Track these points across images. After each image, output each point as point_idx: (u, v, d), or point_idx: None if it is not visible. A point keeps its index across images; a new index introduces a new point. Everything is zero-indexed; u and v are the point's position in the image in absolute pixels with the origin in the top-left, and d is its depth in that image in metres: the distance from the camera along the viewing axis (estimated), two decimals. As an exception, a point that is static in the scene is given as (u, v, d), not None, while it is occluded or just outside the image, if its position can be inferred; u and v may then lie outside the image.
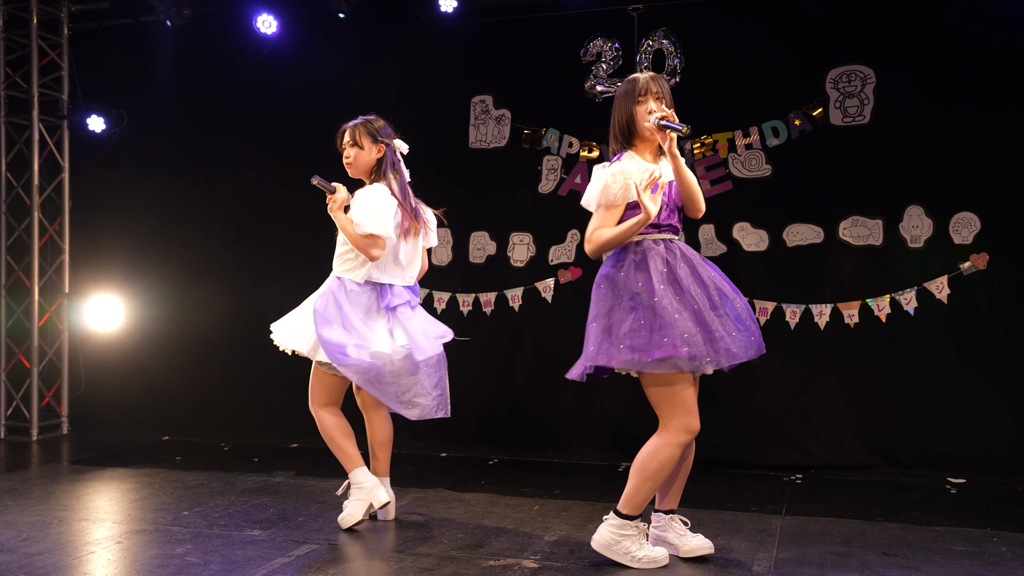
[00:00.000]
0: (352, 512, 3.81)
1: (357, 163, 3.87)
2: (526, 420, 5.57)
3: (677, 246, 3.26)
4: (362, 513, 3.80)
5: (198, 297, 6.14)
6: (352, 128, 3.87)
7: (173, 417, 6.15)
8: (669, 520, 3.41)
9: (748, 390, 5.15)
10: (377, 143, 3.86)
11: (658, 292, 3.11)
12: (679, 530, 3.40)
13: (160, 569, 3.24)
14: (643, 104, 3.24)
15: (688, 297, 3.13)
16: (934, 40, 4.94)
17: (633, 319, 3.13)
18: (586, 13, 5.43)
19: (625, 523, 3.28)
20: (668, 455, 3.16)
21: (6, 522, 3.86)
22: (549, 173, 5.55)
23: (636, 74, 3.33)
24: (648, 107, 3.23)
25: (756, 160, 5.20)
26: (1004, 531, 3.81)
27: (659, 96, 3.24)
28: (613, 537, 3.29)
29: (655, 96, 3.24)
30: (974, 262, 4.87)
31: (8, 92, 6.21)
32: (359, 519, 3.80)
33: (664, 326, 3.08)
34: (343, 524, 3.80)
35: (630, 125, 3.28)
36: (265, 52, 5.92)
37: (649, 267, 3.16)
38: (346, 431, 3.89)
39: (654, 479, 3.19)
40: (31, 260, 6.25)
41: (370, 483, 3.84)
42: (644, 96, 3.24)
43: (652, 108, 3.21)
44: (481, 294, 5.65)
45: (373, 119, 3.91)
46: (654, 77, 3.29)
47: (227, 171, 6.15)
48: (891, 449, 4.98)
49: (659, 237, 3.23)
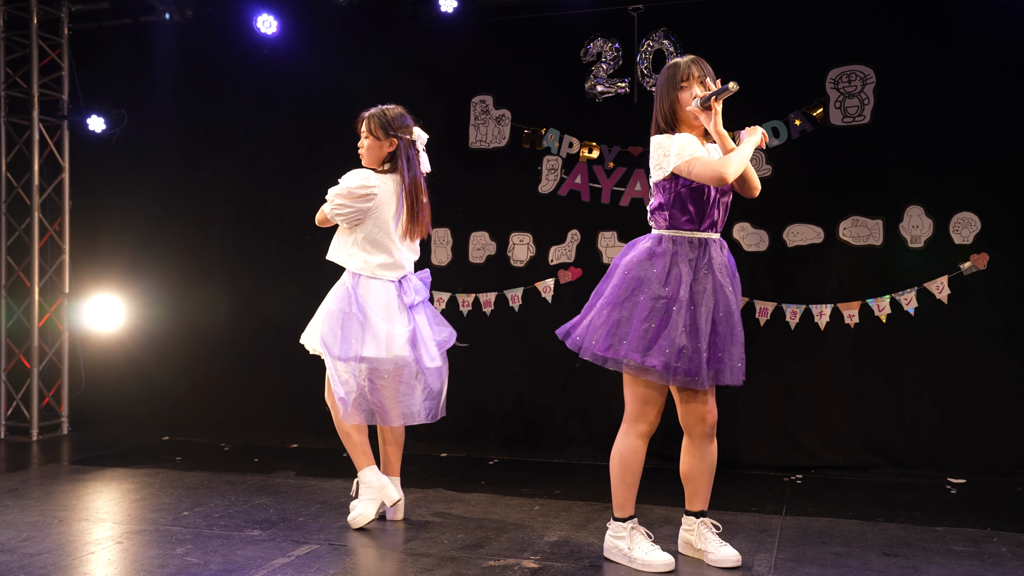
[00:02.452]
0: (363, 511, 3.81)
1: (368, 154, 3.87)
2: (526, 420, 5.57)
3: (710, 251, 3.17)
4: (374, 512, 3.82)
5: (198, 297, 6.14)
6: (368, 118, 3.86)
7: (173, 417, 6.15)
8: (699, 524, 3.34)
9: (748, 390, 5.12)
10: (389, 136, 3.83)
11: (678, 301, 3.10)
12: (707, 536, 3.31)
13: (160, 569, 3.23)
14: (687, 90, 3.16)
15: (699, 312, 3.11)
16: (934, 40, 4.94)
17: (646, 320, 3.11)
18: (586, 13, 5.43)
19: (617, 525, 3.31)
20: (626, 447, 3.24)
21: (6, 522, 3.86)
22: (549, 173, 5.55)
23: (677, 59, 3.23)
24: (692, 92, 3.15)
25: (756, 160, 5.20)
26: (1004, 531, 3.81)
27: (702, 79, 3.16)
28: (610, 540, 3.34)
29: (698, 80, 3.16)
30: (974, 262, 4.88)
31: (8, 92, 6.21)
32: (370, 518, 3.81)
33: (668, 336, 3.08)
34: (354, 524, 3.80)
35: (674, 113, 3.20)
36: (265, 52, 5.92)
37: (681, 273, 3.12)
38: (360, 426, 3.88)
39: (622, 475, 3.26)
40: (31, 260, 6.25)
41: (379, 482, 3.84)
42: (687, 81, 3.16)
43: (697, 93, 3.14)
44: (481, 294, 5.65)
45: (390, 108, 3.88)
46: (695, 60, 3.20)
47: (227, 171, 6.15)
48: (891, 449, 4.98)
49: (697, 236, 3.18)
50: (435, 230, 5.75)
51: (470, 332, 5.67)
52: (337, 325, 3.75)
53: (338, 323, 3.75)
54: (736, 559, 3.26)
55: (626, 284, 3.18)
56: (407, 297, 3.85)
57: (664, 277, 3.13)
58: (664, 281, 3.13)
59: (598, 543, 3.59)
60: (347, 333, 3.73)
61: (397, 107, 3.90)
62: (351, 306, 3.76)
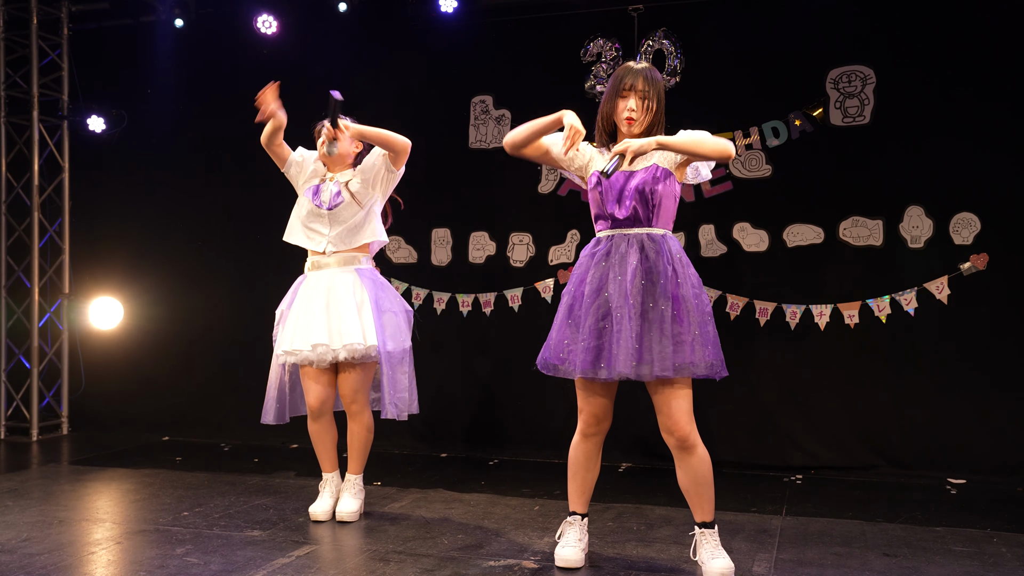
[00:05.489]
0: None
1: (340, 152, 3.98)
2: (526, 420, 5.57)
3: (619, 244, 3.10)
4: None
5: (198, 297, 6.14)
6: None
7: (173, 417, 6.16)
8: (697, 533, 3.20)
9: (748, 390, 5.15)
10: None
11: (566, 295, 3.19)
12: (702, 546, 3.17)
13: (160, 569, 3.23)
14: (625, 100, 3.12)
15: (587, 304, 3.10)
16: (934, 40, 4.93)
17: (556, 317, 3.22)
18: (586, 13, 5.43)
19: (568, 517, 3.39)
20: (572, 447, 3.34)
21: (6, 522, 3.86)
22: (549, 173, 5.55)
23: (627, 63, 3.18)
24: (629, 104, 3.10)
25: (756, 160, 5.20)
26: (1004, 532, 3.81)
27: (644, 95, 3.09)
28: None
29: (639, 95, 3.09)
30: (974, 262, 4.87)
31: (8, 92, 6.21)
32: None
33: (553, 331, 3.19)
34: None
35: (607, 123, 3.20)
36: (265, 52, 5.93)
37: (578, 269, 3.20)
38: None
39: (570, 472, 3.38)
40: (31, 260, 6.25)
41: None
42: (628, 92, 3.11)
43: (632, 106, 3.09)
44: (481, 294, 5.65)
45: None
46: (643, 71, 3.11)
47: (227, 171, 6.15)
48: (891, 449, 4.98)
49: (605, 234, 3.17)
50: (435, 230, 5.76)
51: (470, 332, 5.68)
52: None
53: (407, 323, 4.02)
54: (723, 570, 3.11)
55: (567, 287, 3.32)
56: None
57: (571, 277, 3.24)
58: (571, 278, 3.23)
59: (598, 543, 3.59)
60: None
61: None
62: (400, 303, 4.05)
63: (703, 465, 3.12)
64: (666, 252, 3.08)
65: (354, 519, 3.92)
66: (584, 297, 3.12)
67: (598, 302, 3.08)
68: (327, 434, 3.96)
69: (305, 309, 3.88)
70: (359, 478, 4.01)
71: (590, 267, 3.15)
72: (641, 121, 3.10)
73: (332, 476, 4.02)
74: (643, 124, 3.11)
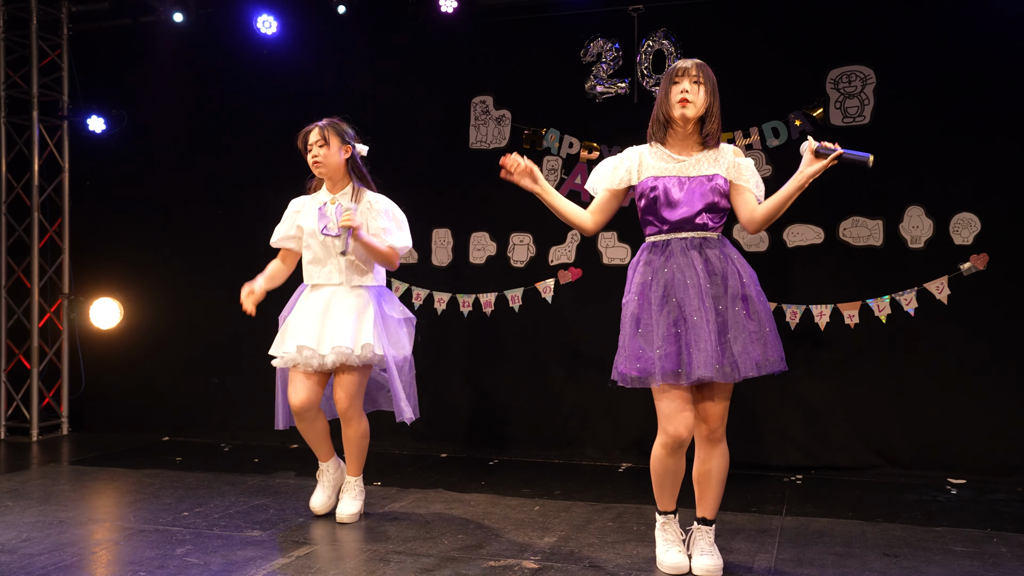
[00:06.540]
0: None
1: (327, 162, 3.93)
2: (526, 420, 5.57)
3: (677, 248, 3.15)
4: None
5: (198, 297, 6.14)
6: (321, 128, 3.94)
7: (173, 417, 6.16)
8: (695, 528, 3.28)
9: (748, 390, 5.13)
10: (345, 143, 3.95)
11: (630, 304, 3.16)
12: (696, 542, 3.25)
13: (160, 569, 3.23)
14: (678, 84, 3.13)
15: (657, 309, 3.09)
16: (934, 40, 4.93)
17: (623, 330, 3.19)
18: (586, 13, 5.43)
19: (658, 517, 3.33)
20: (654, 455, 3.23)
21: (7, 523, 3.86)
22: (549, 174, 5.55)
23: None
24: (682, 87, 3.11)
25: (756, 161, 5.17)
26: (1004, 531, 3.81)
27: (696, 80, 3.12)
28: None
29: (692, 79, 3.11)
30: (974, 262, 4.88)
31: (8, 92, 6.20)
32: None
33: (626, 340, 3.15)
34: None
35: (663, 112, 3.18)
36: (265, 52, 5.92)
37: (636, 277, 3.19)
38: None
39: (653, 476, 3.26)
40: (31, 260, 6.25)
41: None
42: (681, 78, 3.12)
43: (686, 88, 3.10)
44: (481, 295, 5.65)
45: (339, 120, 3.99)
46: (695, 61, 3.17)
47: (227, 171, 6.14)
48: (891, 449, 4.99)
49: (660, 239, 3.19)
50: (435, 231, 5.75)
51: (470, 332, 5.68)
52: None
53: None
54: (707, 568, 3.17)
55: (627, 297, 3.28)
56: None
57: (628, 285, 3.22)
58: (627, 289, 3.22)
59: (598, 543, 3.59)
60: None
61: (344, 121, 4.02)
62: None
63: (723, 460, 3.25)
64: (727, 254, 3.21)
65: (354, 520, 3.92)
66: (651, 305, 3.12)
67: (667, 308, 3.10)
68: (315, 427, 3.95)
69: (302, 315, 3.91)
70: (359, 479, 4.02)
71: (650, 274, 3.16)
72: (696, 103, 3.11)
73: (327, 465, 4.05)
74: (698, 107, 3.12)
